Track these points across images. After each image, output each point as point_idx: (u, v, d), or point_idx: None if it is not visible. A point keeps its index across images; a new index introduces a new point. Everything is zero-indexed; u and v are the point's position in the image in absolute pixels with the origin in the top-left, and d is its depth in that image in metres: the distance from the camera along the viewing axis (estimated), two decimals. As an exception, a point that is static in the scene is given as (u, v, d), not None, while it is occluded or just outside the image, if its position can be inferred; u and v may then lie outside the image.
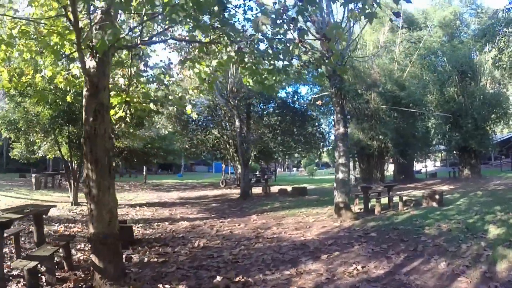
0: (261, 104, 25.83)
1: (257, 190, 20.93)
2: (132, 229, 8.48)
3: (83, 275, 5.51)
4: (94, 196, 4.98)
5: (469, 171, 24.95)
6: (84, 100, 5.22)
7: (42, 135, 14.90)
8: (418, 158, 28.64)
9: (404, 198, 12.19)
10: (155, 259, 6.72)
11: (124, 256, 6.36)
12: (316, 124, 26.30)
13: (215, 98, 22.70)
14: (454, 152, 26.92)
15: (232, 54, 5.79)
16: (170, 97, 8.20)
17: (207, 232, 9.70)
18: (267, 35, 5.24)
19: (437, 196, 11.93)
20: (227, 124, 25.19)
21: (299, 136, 26.33)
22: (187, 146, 29.24)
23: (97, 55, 4.93)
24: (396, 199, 12.08)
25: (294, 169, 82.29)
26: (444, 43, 25.96)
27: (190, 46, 7.82)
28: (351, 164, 29.93)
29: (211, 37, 6.05)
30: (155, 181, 34.20)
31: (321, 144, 28.42)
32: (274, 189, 20.19)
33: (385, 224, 9.20)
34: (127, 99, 7.02)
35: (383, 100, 21.48)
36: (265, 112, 26.67)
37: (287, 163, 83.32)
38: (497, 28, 16.23)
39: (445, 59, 25.59)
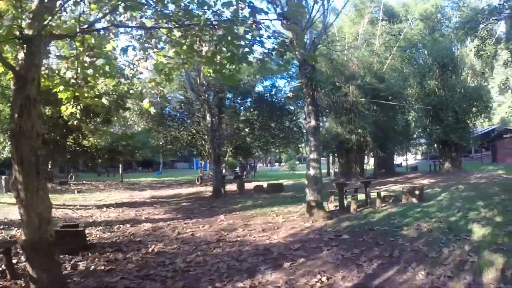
0: (238, 98, 24.95)
1: (233, 187, 20.11)
2: (83, 234, 7.62)
3: (23, 284, 5.08)
4: (22, 200, 4.39)
5: (450, 164, 24.75)
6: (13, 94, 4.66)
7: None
8: (399, 152, 28.15)
9: (383, 194, 11.53)
10: (102, 267, 6.08)
11: (70, 264, 6.06)
12: (294, 118, 25.47)
13: (188, 93, 21.70)
14: (435, 145, 26.74)
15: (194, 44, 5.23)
16: (131, 91, 7.45)
17: (167, 235, 8.79)
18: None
19: (417, 192, 11.21)
20: (201, 119, 24.19)
21: (277, 131, 25.52)
22: (161, 143, 28.15)
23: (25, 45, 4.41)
24: (374, 195, 11.27)
25: (276, 164, 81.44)
26: (425, 36, 25.54)
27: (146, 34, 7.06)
28: (330, 158, 29.43)
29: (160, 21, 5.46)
30: (132, 180, 33.13)
31: (299, 138, 27.54)
32: (251, 185, 19.38)
33: (360, 224, 8.37)
34: (77, 94, 6.37)
35: (362, 93, 20.80)
36: (241, 107, 25.77)
37: (269, 158, 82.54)
38: (480, 19, 15.76)
39: (425, 52, 25.26)
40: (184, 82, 20.23)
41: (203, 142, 25.38)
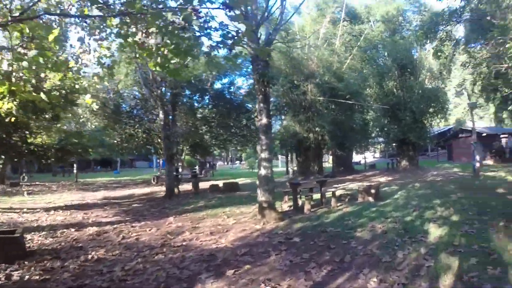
0: (196, 95, 24.12)
1: (190, 186, 19.25)
2: (21, 240, 6.85)
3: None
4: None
5: (407, 162, 25.28)
6: None
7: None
8: (357, 150, 28.36)
9: (339, 193, 11.19)
10: (37, 277, 5.51)
11: (4, 273, 5.63)
12: (252, 116, 24.90)
13: (142, 89, 20.72)
14: (393, 144, 27.04)
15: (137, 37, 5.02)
16: (77, 86, 6.89)
17: (111, 240, 8.01)
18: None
19: (373, 191, 10.93)
20: (157, 116, 23.23)
21: (235, 129, 24.89)
22: (116, 141, 26.88)
23: None
24: (330, 194, 10.87)
25: (237, 162, 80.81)
26: (385, 37, 25.72)
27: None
28: (289, 157, 29.13)
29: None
30: (88, 180, 31.66)
31: (256, 136, 26.96)
32: (209, 184, 18.63)
33: (312, 226, 7.89)
34: (13, 88, 5.88)
35: (320, 91, 20.59)
36: (198, 104, 24.95)
37: (229, 157, 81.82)
38: (440, 21, 15.90)
39: (385, 54, 25.61)
40: (139, 77, 19.28)
41: (159, 140, 24.41)
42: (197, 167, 36.67)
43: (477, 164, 16.92)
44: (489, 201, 9.83)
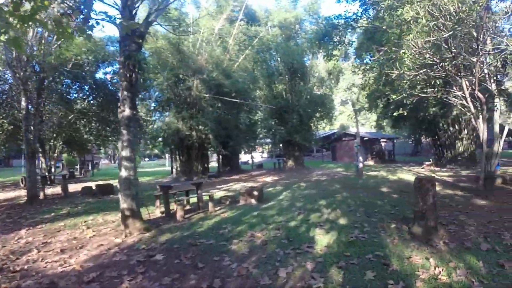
0: (76, 84, 20.99)
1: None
2: None
3: None
4: None
5: (293, 162, 25.80)
6: None
7: None
8: (245, 150, 28.03)
9: (221, 195, 10.14)
10: None
11: None
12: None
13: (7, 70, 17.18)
14: (280, 145, 27.53)
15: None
16: None
17: None
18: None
19: (256, 192, 10.15)
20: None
21: (115, 125, 22.23)
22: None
23: None
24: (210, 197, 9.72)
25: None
26: (280, 42, 25.69)
27: None
28: (174, 156, 27.41)
29: None
30: None
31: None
32: (81, 187, 16.19)
33: (182, 237, 6.62)
34: None
35: (207, 88, 19.54)
36: (76, 95, 21.83)
37: (117, 155, 76.45)
38: (335, 29, 16.12)
39: (278, 58, 25.61)
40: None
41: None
42: (77, 166, 33.59)
43: (360, 165, 17.38)
44: (375, 200, 9.72)
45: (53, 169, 24.13)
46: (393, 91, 11.43)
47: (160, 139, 20.99)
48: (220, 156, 26.00)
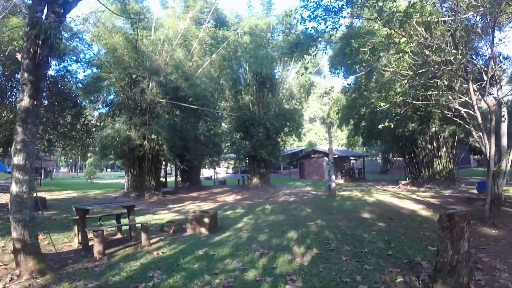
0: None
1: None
2: None
3: None
4: None
5: (259, 179, 23.55)
6: None
7: None
8: (208, 164, 25.42)
9: (168, 218, 7.78)
10: None
11: None
12: (82, 112, 19.07)
13: None
14: (246, 160, 25.10)
15: None
16: None
17: None
18: None
19: (207, 220, 7.87)
20: None
21: (64, 128, 19.14)
22: None
23: None
24: (153, 222, 7.30)
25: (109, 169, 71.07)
26: (250, 50, 23.35)
27: None
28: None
29: None
30: None
31: (87, 140, 21.26)
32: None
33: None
34: None
35: (163, 91, 17.07)
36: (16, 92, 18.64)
37: (78, 163, 71.74)
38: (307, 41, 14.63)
39: (246, 66, 23.65)
40: None
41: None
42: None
43: (333, 184, 15.27)
44: (359, 231, 7.55)
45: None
46: (380, 99, 9.44)
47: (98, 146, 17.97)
48: (178, 171, 23.44)
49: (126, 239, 7.15)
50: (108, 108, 19.37)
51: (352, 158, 35.00)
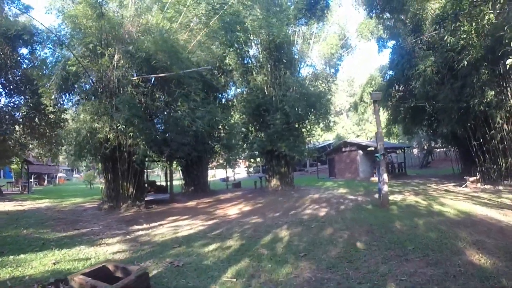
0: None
1: None
2: None
3: None
4: None
5: (279, 181, 18.37)
6: None
7: None
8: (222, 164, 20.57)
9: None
10: None
11: None
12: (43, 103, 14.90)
13: None
14: (263, 156, 19.87)
15: None
16: None
17: None
18: None
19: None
20: None
21: (44, 128, 15.68)
22: None
23: None
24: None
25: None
26: (258, 17, 17.64)
27: None
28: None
29: None
30: None
31: (51, 134, 17.48)
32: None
33: None
34: None
35: (135, 65, 12.32)
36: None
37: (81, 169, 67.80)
38: None
39: (257, 39, 18.46)
40: None
41: None
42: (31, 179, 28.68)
43: (385, 187, 9.99)
44: None
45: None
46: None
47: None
48: (181, 173, 18.89)
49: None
50: (69, 93, 14.51)
51: (389, 150, 28.80)
